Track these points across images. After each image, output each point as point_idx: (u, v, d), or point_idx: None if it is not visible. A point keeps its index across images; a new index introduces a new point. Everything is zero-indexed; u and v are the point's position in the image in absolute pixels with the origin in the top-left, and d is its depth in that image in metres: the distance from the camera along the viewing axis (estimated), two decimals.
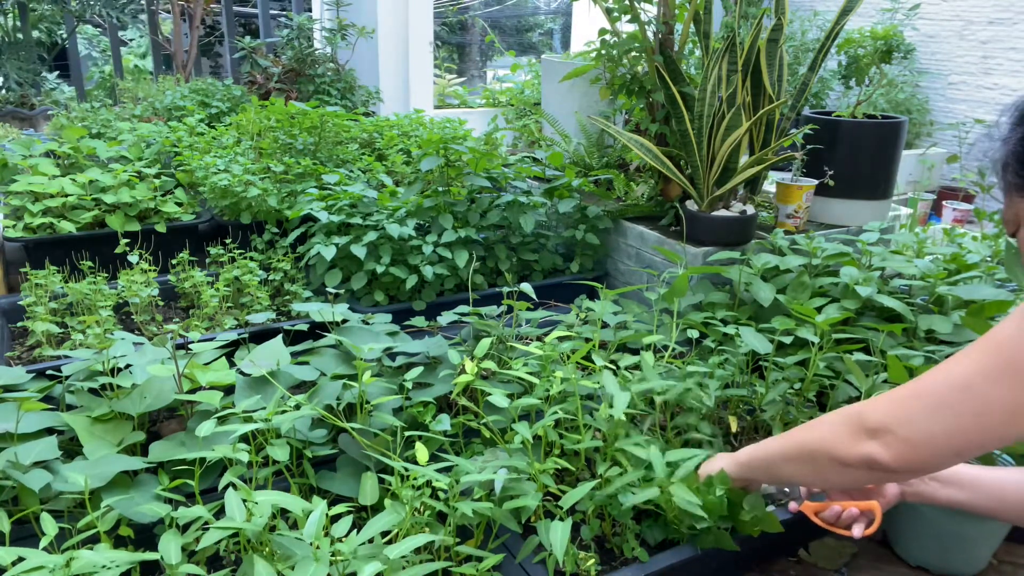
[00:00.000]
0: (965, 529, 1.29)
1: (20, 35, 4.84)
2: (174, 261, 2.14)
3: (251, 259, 2.20)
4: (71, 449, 1.32)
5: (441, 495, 1.12)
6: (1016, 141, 0.83)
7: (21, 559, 0.92)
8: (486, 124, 4.32)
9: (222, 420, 1.19)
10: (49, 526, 0.99)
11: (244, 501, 1.02)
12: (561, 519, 1.09)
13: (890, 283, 1.87)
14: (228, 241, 2.28)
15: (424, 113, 3.55)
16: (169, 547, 0.99)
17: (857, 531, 1.11)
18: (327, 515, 1.00)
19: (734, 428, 1.51)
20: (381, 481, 1.19)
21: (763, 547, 1.32)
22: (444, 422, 1.29)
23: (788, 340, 1.55)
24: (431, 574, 0.99)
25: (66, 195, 2.32)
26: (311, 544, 0.95)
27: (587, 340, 1.59)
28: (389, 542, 1.06)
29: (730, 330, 1.61)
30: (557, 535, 1.05)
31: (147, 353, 1.45)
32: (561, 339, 1.52)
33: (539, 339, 1.65)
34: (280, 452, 1.15)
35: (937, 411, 0.84)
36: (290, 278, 2.20)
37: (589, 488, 1.13)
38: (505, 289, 1.70)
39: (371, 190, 2.27)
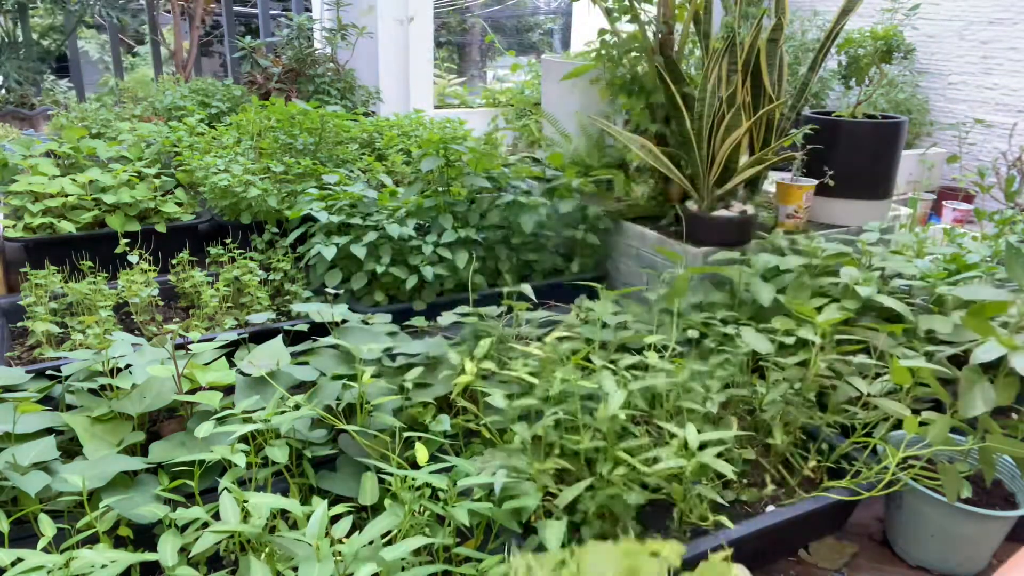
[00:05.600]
0: (965, 529, 1.29)
1: (20, 35, 4.83)
2: (174, 261, 2.14)
3: (251, 259, 2.20)
4: (71, 449, 1.32)
5: (441, 494, 1.12)
6: None
7: (20, 560, 0.92)
8: (486, 124, 4.32)
9: (222, 420, 1.19)
10: (47, 527, 0.99)
11: (244, 502, 1.02)
12: (558, 518, 1.09)
13: (890, 283, 1.87)
14: (228, 241, 2.27)
15: (424, 113, 3.55)
16: (167, 548, 0.99)
17: None
18: (327, 515, 0.99)
19: (735, 429, 1.51)
20: (381, 481, 1.19)
21: (763, 547, 1.32)
22: (444, 422, 1.29)
23: (790, 341, 1.55)
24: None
25: (66, 195, 2.32)
26: (312, 544, 0.95)
27: (587, 340, 1.59)
28: (390, 542, 1.06)
29: (730, 330, 1.61)
30: (552, 532, 1.06)
31: (147, 353, 1.45)
32: (561, 339, 1.52)
33: (539, 339, 1.65)
34: (279, 453, 1.15)
35: None
36: (290, 278, 2.20)
37: (584, 486, 1.13)
38: (505, 289, 1.70)
39: (371, 190, 2.27)
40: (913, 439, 1.34)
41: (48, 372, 1.46)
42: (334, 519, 1.03)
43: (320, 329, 1.67)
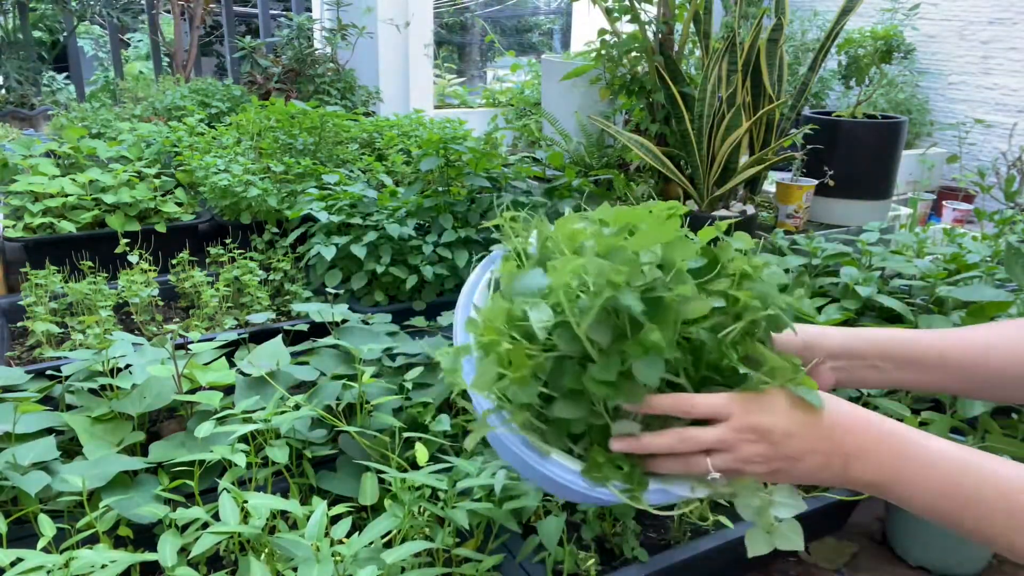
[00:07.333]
0: None
1: (20, 35, 4.83)
2: (174, 261, 2.13)
3: (251, 259, 2.20)
4: (71, 449, 1.32)
5: (441, 495, 1.12)
6: None
7: (19, 560, 0.92)
8: (486, 124, 4.32)
9: (222, 420, 1.19)
10: (47, 527, 0.99)
11: (243, 502, 1.02)
12: (555, 515, 1.09)
13: (890, 283, 1.87)
14: (228, 241, 2.27)
15: (424, 113, 3.54)
16: (166, 548, 0.99)
17: None
18: (327, 516, 0.99)
19: None
20: (381, 481, 1.19)
21: None
22: (444, 423, 1.29)
23: None
24: None
25: (66, 195, 2.32)
26: (311, 545, 0.95)
27: None
28: (390, 543, 1.06)
29: None
30: (550, 528, 1.06)
31: (147, 353, 1.45)
32: None
33: None
34: (279, 454, 1.15)
35: None
36: (290, 278, 2.20)
37: None
38: None
39: (371, 190, 2.26)
40: None
41: (48, 372, 1.46)
42: (334, 519, 1.03)
43: (320, 329, 1.67)
